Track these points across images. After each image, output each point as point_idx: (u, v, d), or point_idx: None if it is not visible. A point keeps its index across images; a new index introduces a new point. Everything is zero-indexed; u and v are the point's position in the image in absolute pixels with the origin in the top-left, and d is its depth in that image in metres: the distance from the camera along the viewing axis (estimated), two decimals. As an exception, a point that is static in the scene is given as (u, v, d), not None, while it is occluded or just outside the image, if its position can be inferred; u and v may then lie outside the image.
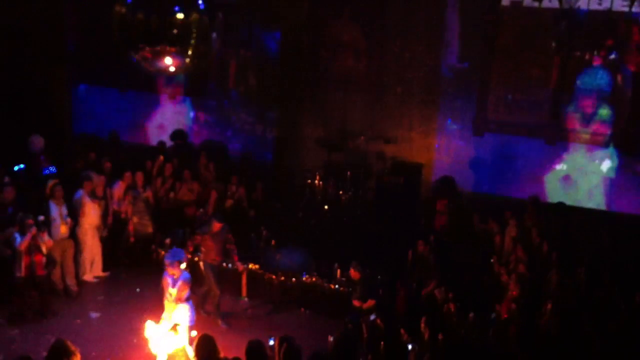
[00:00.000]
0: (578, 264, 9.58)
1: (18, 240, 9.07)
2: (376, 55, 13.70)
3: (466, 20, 13.06)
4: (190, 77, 14.81)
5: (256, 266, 10.50)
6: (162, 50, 8.14)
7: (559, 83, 12.55)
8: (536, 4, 12.47)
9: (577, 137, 12.59)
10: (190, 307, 8.03)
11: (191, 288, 8.19)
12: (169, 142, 14.05)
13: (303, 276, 10.28)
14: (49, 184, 9.99)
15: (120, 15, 8.04)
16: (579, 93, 12.49)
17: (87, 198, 10.43)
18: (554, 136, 12.75)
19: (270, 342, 6.82)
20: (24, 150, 12.09)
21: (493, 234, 10.87)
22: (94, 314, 9.73)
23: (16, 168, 11.63)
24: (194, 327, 7.93)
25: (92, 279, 10.69)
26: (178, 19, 8.09)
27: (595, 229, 10.73)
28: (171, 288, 7.97)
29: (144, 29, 8.00)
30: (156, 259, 10.82)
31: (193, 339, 7.11)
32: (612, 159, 12.40)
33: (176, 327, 7.69)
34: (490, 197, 12.70)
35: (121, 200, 11.12)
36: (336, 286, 10.04)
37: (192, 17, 8.20)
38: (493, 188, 12.96)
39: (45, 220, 9.36)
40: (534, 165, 12.84)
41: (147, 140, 15.37)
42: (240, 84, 14.81)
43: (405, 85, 13.45)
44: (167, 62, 8.30)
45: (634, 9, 11.79)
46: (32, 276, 9.23)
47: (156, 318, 7.79)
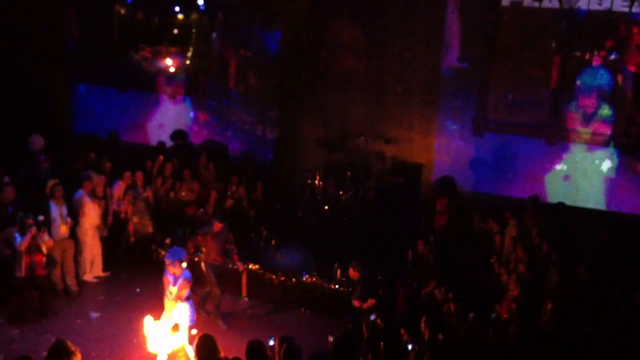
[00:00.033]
0: (578, 264, 9.58)
1: (18, 240, 9.06)
2: (376, 55, 13.70)
3: (466, 20, 13.06)
4: (190, 77, 14.82)
5: (256, 266, 10.50)
6: (162, 50, 8.14)
7: (559, 83, 12.56)
8: (536, 4, 12.47)
9: (577, 137, 12.60)
10: (190, 307, 8.04)
11: (192, 288, 8.20)
12: (169, 142, 14.04)
13: (303, 276, 10.27)
14: (49, 184, 9.99)
15: (120, 15, 8.04)
16: (579, 93, 12.50)
17: (87, 198, 10.42)
18: (554, 136, 12.75)
19: (270, 342, 6.82)
20: (24, 150, 12.09)
21: (493, 234, 10.87)
22: (94, 314, 9.73)
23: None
24: (194, 327, 7.94)
25: (92, 279, 10.69)
26: (178, 19, 8.09)
27: (595, 229, 10.72)
28: (172, 286, 7.99)
29: (144, 29, 7.99)
30: (156, 259, 10.83)
31: (193, 339, 7.11)
32: (612, 159, 12.41)
33: (177, 327, 7.70)
34: (490, 197, 12.70)
35: (121, 200, 11.11)
36: (336, 286, 10.04)
37: (192, 17, 8.20)
38: (493, 188, 12.96)
39: (45, 220, 9.35)
40: (534, 165, 12.85)
41: (147, 140, 15.36)
42: (240, 84, 14.81)
43: (405, 85, 13.45)
44: (167, 62, 8.30)
45: (634, 9, 11.80)
46: (32, 276, 9.22)
47: (156, 318, 7.79)
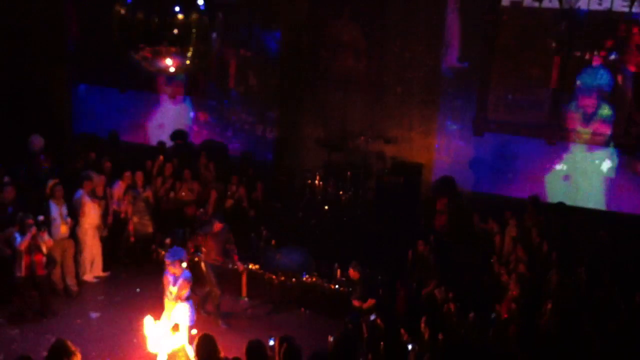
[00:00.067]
0: (578, 264, 9.57)
1: (18, 240, 9.06)
2: (376, 55, 13.70)
3: (466, 20, 13.06)
4: (190, 77, 14.82)
5: (256, 266, 10.50)
6: (162, 50, 8.14)
7: (559, 83, 12.55)
8: (536, 4, 12.47)
9: (577, 137, 12.60)
10: (190, 307, 8.04)
11: (192, 288, 8.20)
12: (169, 142, 14.04)
13: (303, 276, 10.27)
14: (49, 184, 9.99)
15: (120, 15, 8.04)
16: (579, 93, 12.50)
17: (87, 198, 10.42)
18: (554, 136, 12.75)
19: (270, 342, 6.82)
20: (24, 150, 12.09)
21: (493, 234, 10.86)
22: (94, 314, 9.73)
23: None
24: (194, 327, 7.94)
25: (92, 279, 10.69)
26: (178, 19, 8.09)
27: (595, 229, 10.72)
28: (172, 286, 7.99)
29: (144, 29, 7.99)
30: (156, 259, 10.83)
31: (193, 339, 7.11)
32: (612, 159, 12.41)
33: (177, 327, 7.69)
34: (490, 197, 12.70)
35: (121, 200, 11.11)
36: (336, 286, 10.04)
37: (192, 17, 8.20)
38: (493, 188, 12.96)
39: (45, 220, 9.35)
40: (534, 165, 12.85)
41: (147, 140, 15.37)
42: (240, 84, 14.81)
43: (405, 85, 13.45)
44: (167, 62, 8.29)
45: (634, 9, 11.80)
46: (32, 276, 9.23)
47: (156, 318, 7.79)
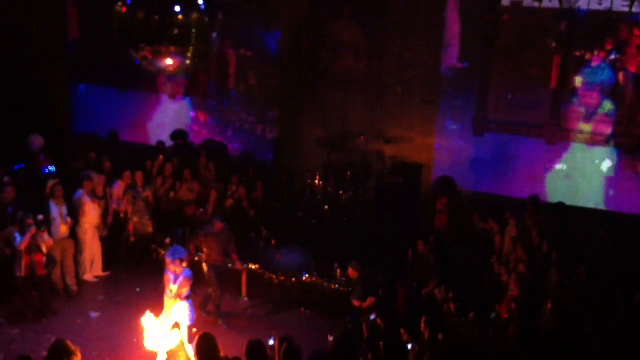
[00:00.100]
0: (578, 264, 9.57)
1: (18, 239, 9.07)
2: (376, 55, 13.70)
3: (466, 20, 13.05)
4: (190, 77, 14.82)
5: (256, 266, 10.50)
6: (163, 49, 8.13)
7: (559, 83, 12.55)
8: (536, 4, 12.47)
9: (578, 137, 12.59)
10: (190, 306, 8.04)
11: (193, 288, 8.19)
12: (169, 142, 14.04)
13: (303, 276, 10.28)
14: (49, 184, 10.00)
15: (120, 15, 8.03)
16: (579, 92, 12.49)
17: (87, 198, 10.42)
18: (554, 136, 12.74)
19: (270, 342, 6.81)
20: (24, 149, 12.09)
21: (493, 234, 10.86)
22: (94, 314, 9.73)
23: (16, 167, 11.63)
24: (194, 327, 7.94)
25: (92, 279, 10.69)
26: (178, 19, 8.08)
27: (595, 229, 10.72)
28: (172, 284, 8.00)
29: (144, 29, 7.99)
30: (156, 259, 10.84)
31: (193, 338, 7.10)
32: (613, 159, 12.40)
33: (177, 326, 7.69)
34: (490, 197, 12.69)
35: (121, 200, 11.11)
36: (336, 286, 10.04)
37: (192, 17, 8.19)
38: (493, 188, 12.95)
39: (45, 219, 9.36)
40: (534, 165, 12.83)
41: (147, 140, 15.36)
42: (240, 84, 14.81)
43: (405, 85, 13.45)
44: (167, 62, 8.29)
45: (634, 9, 11.80)
46: (32, 276, 9.23)
47: (156, 317, 7.77)
